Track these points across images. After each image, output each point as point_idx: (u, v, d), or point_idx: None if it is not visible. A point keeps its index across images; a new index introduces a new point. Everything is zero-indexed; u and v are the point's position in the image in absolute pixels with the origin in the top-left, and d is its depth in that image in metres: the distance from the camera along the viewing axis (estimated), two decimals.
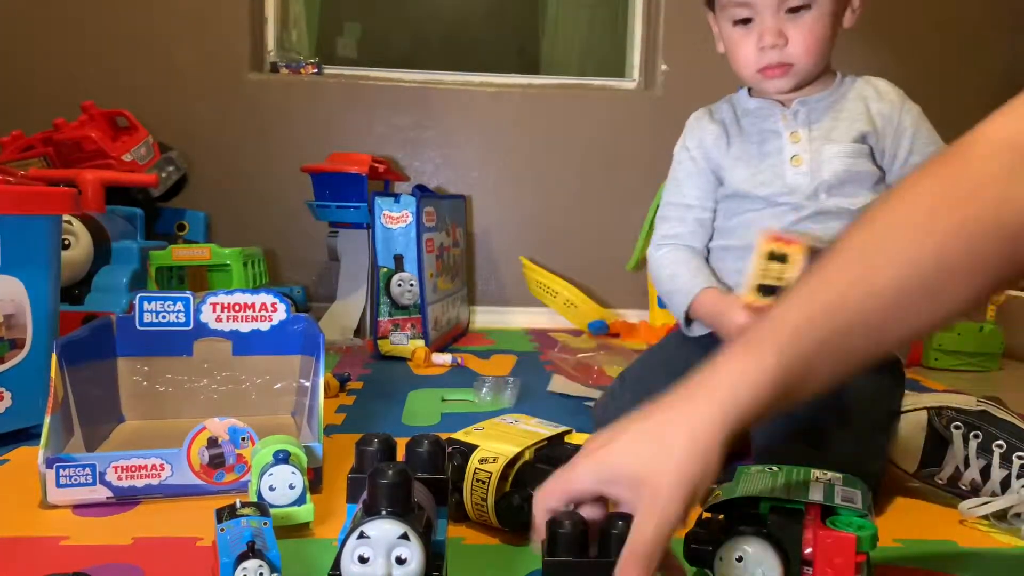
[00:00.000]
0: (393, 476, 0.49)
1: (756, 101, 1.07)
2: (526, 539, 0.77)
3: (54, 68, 2.12)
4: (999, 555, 0.78)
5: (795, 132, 1.02)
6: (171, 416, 1.09)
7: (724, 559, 0.61)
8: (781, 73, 0.99)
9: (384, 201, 1.74)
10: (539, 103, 2.26)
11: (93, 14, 2.12)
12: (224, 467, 0.85)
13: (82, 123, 1.82)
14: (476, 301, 2.28)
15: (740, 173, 1.05)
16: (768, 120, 1.05)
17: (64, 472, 0.81)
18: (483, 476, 0.76)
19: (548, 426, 0.87)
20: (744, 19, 0.98)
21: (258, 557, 0.59)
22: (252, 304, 1.09)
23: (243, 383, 1.12)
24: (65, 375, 0.91)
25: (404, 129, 2.24)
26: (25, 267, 1.05)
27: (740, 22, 0.98)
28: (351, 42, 2.53)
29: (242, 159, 2.19)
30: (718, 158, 1.08)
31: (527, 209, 2.27)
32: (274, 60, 2.28)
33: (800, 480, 0.69)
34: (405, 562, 0.48)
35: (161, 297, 1.08)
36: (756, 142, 1.05)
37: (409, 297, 1.73)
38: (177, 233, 2.05)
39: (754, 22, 0.97)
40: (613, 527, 0.59)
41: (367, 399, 1.35)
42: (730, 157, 1.07)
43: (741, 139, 1.07)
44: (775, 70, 0.99)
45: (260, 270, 1.83)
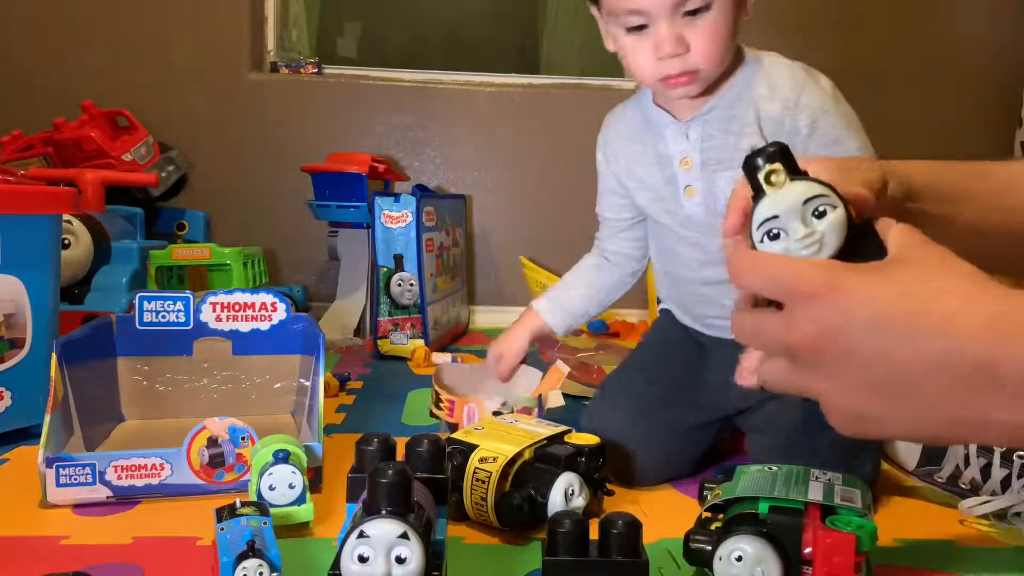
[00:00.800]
0: (393, 475, 0.49)
1: (655, 111, 0.95)
2: (526, 538, 0.77)
3: (54, 68, 2.12)
4: (999, 555, 0.78)
5: (686, 157, 0.92)
6: (171, 416, 1.09)
7: (723, 558, 0.61)
8: (686, 81, 0.86)
9: (384, 201, 1.74)
10: (539, 103, 2.26)
11: (93, 14, 2.12)
12: (224, 466, 0.85)
13: (82, 123, 1.82)
14: (476, 301, 2.28)
15: (643, 196, 0.99)
16: (660, 142, 0.95)
17: (64, 471, 0.81)
18: (483, 475, 0.76)
19: (548, 426, 0.87)
20: (638, 26, 0.85)
21: (258, 556, 0.59)
22: (252, 304, 1.09)
23: (243, 383, 1.12)
24: (65, 375, 0.91)
25: (404, 129, 2.24)
26: (25, 267, 1.05)
27: (633, 28, 0.85)
28: (351, 42, 2.53)
29: (242, 159, 2.19)
30: (623, 175, 1.01)
31: (527, 209, 2.27)
32: (274, 60, 2.28)
33: (799, 479, 0.69)
34: (405, 561, 0.48)
35: (161, 297, 1.08)
36: (651, 162, 0.97)
37: (409, 297, 1.73)
38: (177, 233, 2.05)
39: (649, 29, 0.84)
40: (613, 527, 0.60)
41: (367, 399, 1.35)
42: (634, 177, 0.99)
43: (643, 156, 0.97)
44: (678, 79, 0.86)
45: (260, 270, 1.83)
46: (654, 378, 1.01)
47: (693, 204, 0.93)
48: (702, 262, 0.95)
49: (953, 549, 0.78)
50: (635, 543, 0.60)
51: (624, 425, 0.95)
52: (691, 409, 0.98)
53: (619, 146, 1.01)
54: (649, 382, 1.01)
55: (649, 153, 0.96)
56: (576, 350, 1.60)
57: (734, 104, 0.90)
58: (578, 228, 2.30)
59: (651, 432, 0.94)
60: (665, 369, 1.02)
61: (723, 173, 0.91)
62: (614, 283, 1.10)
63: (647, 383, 1.01)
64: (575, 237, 2.28)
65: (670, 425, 0.96)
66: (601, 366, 1.48)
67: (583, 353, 1.56)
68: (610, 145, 1.02)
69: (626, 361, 1.10)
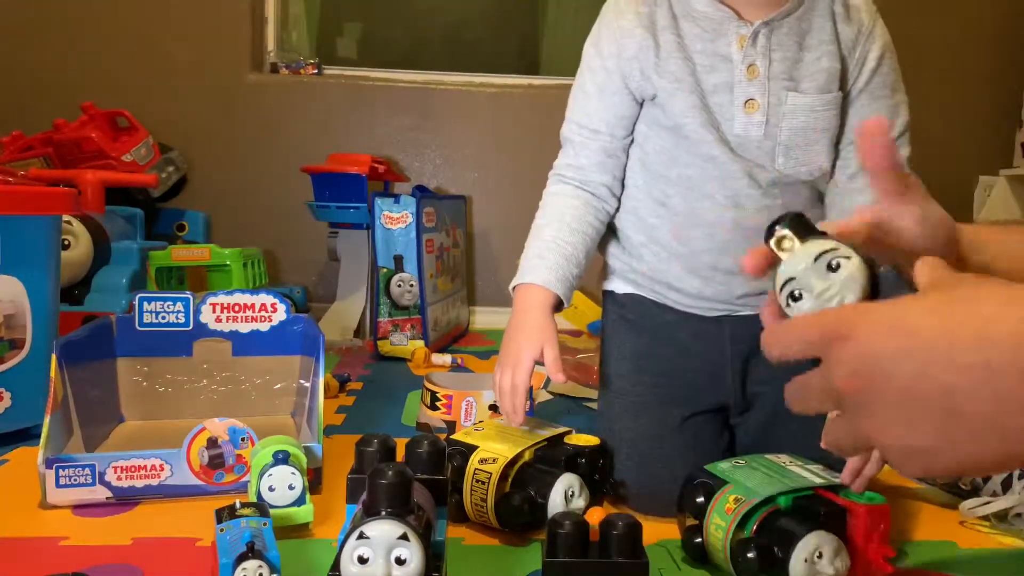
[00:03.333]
0: (393, 476, 0.49)
1: (705, 2, 0.81)
2: (526, 539, 0.77)
3: (54, 68, 2.12)
4: (1000, 555, 0.78)
5: (753, 64, 0.79)
6: (171, 416, 1.09)
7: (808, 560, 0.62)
8: None
9: (384, 202, 1.74)
10: (539, 103, 2.26)
11: (93, 14, 2.12)
12: (224, 467, 0.85)
13: (82, 123, 1.82)
14: (476, 301, 2.28)
15: (678, 103, 0.81)
16: (720, 39, 0.80)
17: (64, 472, 0.81)
18: (483, 476, 0.76)
19: (548, 426, 0.87)
20: None
21: (258, 557, 0.59)
22: (252, 304, 1.09)
23: (243, 383, 1.12)
24: (65, 375, 0.91)
25: (404, 129, 2.24)
26: (25, 267, 1.05)
27: None
28: (351, 42, 2.53)
29: (242, 159, 2.19)
30: (642, 76, 0.83)
31: (527, 209, 2.25)
32: (274, 60, 2.28)
33: (782, 469, 0.70)
34: (405, 563, 0.48)
35: (161, 297, 1.08)
36: (702, 64, 0.81)
37: (409, 298, 1.73)
38: (177, 233, 2.05)
39: None
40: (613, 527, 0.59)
41: (367, 400, 1.35)
42: (664, 76, 0.81)
43: (680, 54, 0.81)
44: None
45: (260, 270, 1.83)
46: (676, 397, 0.88)
47: (751, 122, 0.80)
48: (733, 199, 0.82)
49: (954, 550, 0.78)
50: (635, 544, 0.59)
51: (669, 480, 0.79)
52: (710, 416, 0.89)
53: (636, 38, 0.82)
54: (674, 404, 0.87)
55: (694, 47, 0.81)
56: (575, 350, 1.60)
57: (810, 14, 0.80)
58: None
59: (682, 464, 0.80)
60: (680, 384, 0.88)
61: (792, 93, 0.80)
62: (600, 228, 0.89)
63: (672, 406, 0.87)
64: None
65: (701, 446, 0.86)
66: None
67: (582, 354, 1.56)
68: (623, 36, 0.83)
69: (613, 356, 0.93)
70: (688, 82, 0.81)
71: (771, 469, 0.71)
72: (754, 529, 0.66)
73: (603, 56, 0.85)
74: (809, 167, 0.83)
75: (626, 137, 0.87)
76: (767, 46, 0.79)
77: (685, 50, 0.81)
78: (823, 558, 0.62)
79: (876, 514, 0.63)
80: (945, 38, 2.30)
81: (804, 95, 0.81)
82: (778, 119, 0.80)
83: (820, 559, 0.62)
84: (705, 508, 0.69)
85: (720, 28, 0.80)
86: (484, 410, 1.06)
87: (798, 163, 0.82)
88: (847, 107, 0.84)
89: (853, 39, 0.82)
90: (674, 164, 0.84)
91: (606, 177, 0.88)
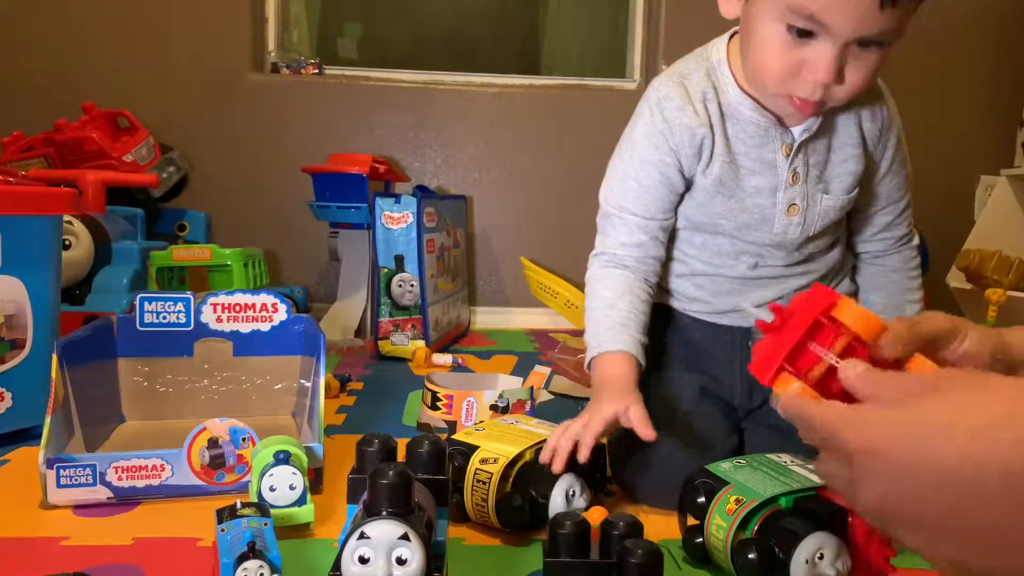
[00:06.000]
0: (394, 476, 0.49)
1: (750, 106, 0.83)
2: (527, 539, 0.77)
3: (55, 68, 2.12)
4: None
5: (797, 171, 0.84)
6: (171, 416, 1.09)
7: (809, 561, 0.62)
8: (813, 109, 0.77)
9: (385, 202, 1.74)
10: (539, 103, 2.26)
11: (93, 14, 2.12)
12: (224, 467, 0.85)
13: (83, 124, 1.82)
14: (476, 301, 2.28)
15: (718, 207, 0.86)
16: (766, 146, 0.84)
17: (65, 472, 0.81)
18: (484, 477, 0.76)
19: (548, 426, 0.87)
20: (804, 31, 0.71)
21: (258, 558, 0.59)
22: (253, 305, 1.09)
23: (243, 384, 1.12)
24: (66, 375, 0.91)
25: (405, 129, 2.24)
26: (26, 267, 1.05)
27: (797, 31, 0.71)
28: (352, 42, 2.53)
29: (243, 159, 2.19)
30: (691, 172, 0.86)
31: (527, 209, 2.27)
32: (275, 60, 2.28)
33: (783, 469, 0.70)
34: (406, 563, 0.48)
35: (162, 298, 1.08)
36: (746, 167, 0.85)
37: (410, 298, 1.73)
38: (178, 233, 2.05)
39: (814, 42, 0.71)
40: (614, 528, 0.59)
41: (368, 400, 1.35)
42: (709, 180, 0.85)
43: (725, 155, 0.84)
44: (807, 104, 0.76)
45: (260, 271, 1.83)
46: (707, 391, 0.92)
47: (791, 223, 0.86)
48: (758, 265, 0.90)
49: None
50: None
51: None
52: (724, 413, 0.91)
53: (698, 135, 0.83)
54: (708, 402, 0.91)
55: (739, 149, 0.84)
56: (576, 350, 1.60)
57: (840, 118, 0.85)
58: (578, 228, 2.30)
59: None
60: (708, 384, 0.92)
61: (823, 195, 0.86)
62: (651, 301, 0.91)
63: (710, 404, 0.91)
64: (575, 237, 2.28)
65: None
66: None
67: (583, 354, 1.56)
68: (685, 133, 0.84)
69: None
70: (729, 186, 0.85)
71: (773, 469, 0.71)
72: (755, 530, 0.66)
73: (661, 150, 0.86)
74: (828, 241, 0.92)
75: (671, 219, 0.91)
76: (806, 153, 0.85)
77: (731, 152, 0.85)
78: (824, 559, 0.62)
79: None
80: (946, 38, 2.29)
81: (833, 197, 0.87)
82: (813, 219, 0.87)
83: (821, 560, 0.62)
84: (706, 508, 0.69)
85: (766, 135, 0.84)
86: (485, 410, 1.06)
87: (818, 245, 0.91)
88: (873, 187, 0.91)
89: (878, 135, 0.87)
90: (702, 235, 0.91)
91: (659, 253, 0.91)
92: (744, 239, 0.88)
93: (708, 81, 0.85)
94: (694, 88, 0.85)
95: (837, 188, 0.87)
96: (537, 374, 1.16)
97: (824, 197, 0.86)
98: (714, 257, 0.91)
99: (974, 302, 2.09)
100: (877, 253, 0.97)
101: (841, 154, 0.86)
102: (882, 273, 0.97)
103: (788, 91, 0.76)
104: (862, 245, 0.97)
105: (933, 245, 2.14)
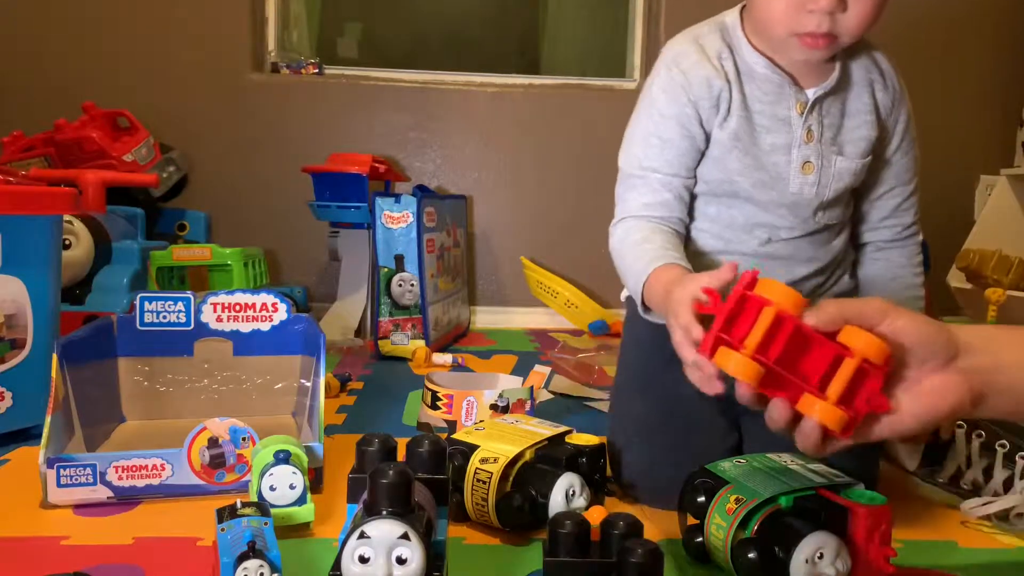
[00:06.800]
0: (394, 476, 0.49)
1: (764, 64, 0.84)
2: (527, 539, 0.77)
3: (55, 69, 2.12)
4: (1001, 555, 0.77)
5: (810, 129, 0.85)
6: (171, 416, 1.09)
7: (809, 560, 0.61)
8: (825, 44, 0.77)
9: (385, 201, 1.74)
10: (539, 103, 2.26)
11: (93, 15, 2.12)
12: (225, 467, 0.85)
13: (83, 123, 1.82)
14: (476, 301, 2.28)
15: (734, 163, 0.85)
16: (780, 103, 0.84)
17: (65, 472, 0.81)
18: (484, 476, 0.76)
19: (548, 426, 0.87)
20: None
21: (259, 557, 0.59)
22: (253, 304, 1.09)
23: (244, 383, 1.12)
24: (66, 375, 0.91)
25: (405, 129, 2.24)
26: (26, 267, 1.05)
27: None
28: (352, 42, 2.53)
29: (243, 159, 2.19)
30: (709, 127, 0.86)
31: (527, 209, 2.27)
32: (275, 60, 2.28)
33: (783, 468, 0.70)
34: (406, 562, 0.48)
35: (162, 297, 1.08)
36: (761, 125, 0.85)
37: (410, 297, 1.73)
38: (178, 233, 2.05)
39: None
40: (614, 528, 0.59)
41: (368, 399, 1.35)
42: (725, 134, 0.85)
43: (742, 113, 0.85)
44: (818, 39, 0.77)
45: (261, 270, 1.83)
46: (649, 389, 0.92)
47: (806, 182, 0.85)
48: (769, 239, 0.88)
49: (955, 550, 0.78)
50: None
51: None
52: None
53: (715, 88, 0.84)
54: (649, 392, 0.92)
55: (755, 108, 0.85)
56: (576, 350, 1.60)
57: (849, 84, 0.86)
58: (578, 228, 2.32)
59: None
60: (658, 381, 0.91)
61: (838, 157, 0.86)
62: None
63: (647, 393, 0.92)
64: (575, 237, 2.29)
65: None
66: (601, 366, 1.48)
67: (583, 354, 1.56)
68: (703, 86, 0.84)
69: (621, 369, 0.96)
70: (745, 142, 0.85)
71: (773, 469, 0.71)
72: (755, 529, 0.66)
73: (680, 103, 0.85)
74: (838, 216, 0.91)
75: (693, 180, 0.89)
76: (820, 113, 0.85)
77: (747, 109, 0.85)
78: (824, 559, 0.62)
79: (877, 514, 0.63)
80: (946, 37, 2.29)
81: (848, 160, 0.87)
82: (827, 181, 0.86)
83: (821, 560, 0.62)
84: (706, 508, 0.69)
85: (781, 92, 0.85)
86: (485, 410, 1.06)
87: (831, 217, 0.90)
88: (883, 162, 0.91)
89: (890, 106, 0.88)
90: (710, 204, 0.89)
91: (684, 216, 0.89)
92: (760, 200, 0.86)
93: (723, 43, 0.86)
94: (709, 47, 0.85)
95: (851, 151, 0.87)
96: (537, 374, 1.16)
97: (838, 159, 0.86)
98: (726, 231, 0.89)
99: (974, 302, 2.09)
100: (882, 244, 0.95)
101: (855, 120, 0.87)
102: (887, 268, 0.95)
103: (796, 29, 0.77)
104: (868, 234, 0.95)
105: (933, 245, 2.14)
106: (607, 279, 2.27)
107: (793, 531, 0.62)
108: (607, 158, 0.93)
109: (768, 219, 0.87)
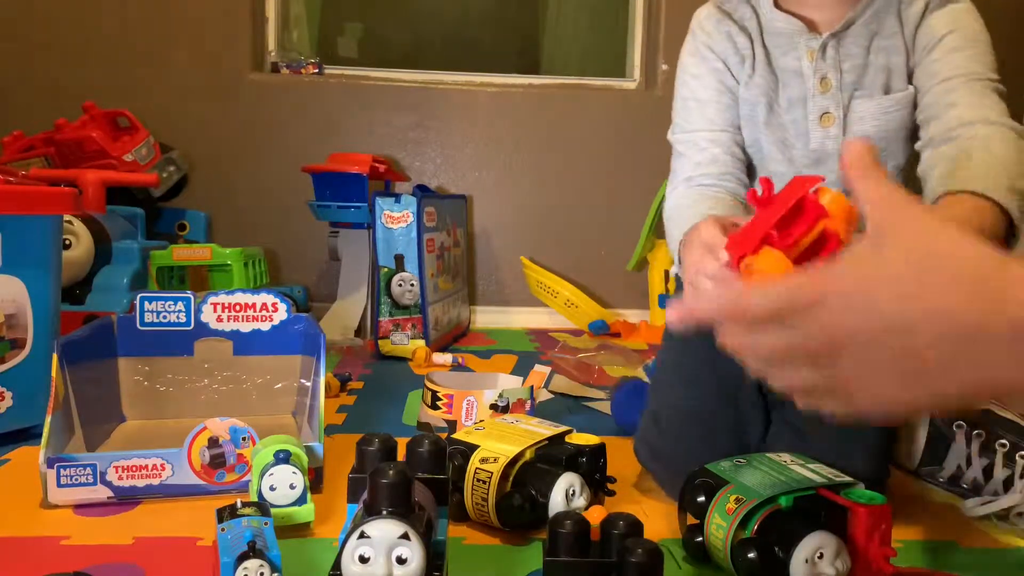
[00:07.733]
0: (394, 476, 0.49)
1: (783, 18, 0.82)
2: (527, 539, 0.77)
3: (55, 68, 2.12)
4: (1001, 555, 0.77)
5: (825, 77, 0.80)
6: (172, 416, 1.09)
7: (809, 560, 0.62)
8: None
9: (385, 201, 1.74)
10: (540, 103, 2.26)
11: (94, 15, 2.12)
12: (225, 467, 0.85)
13: (83, 123, 1.82)
14: (476, 301, 2.28)
15: (760, 115, 0.83)
16: (790, 53, 0.81)
17: (65, 472, 0.81)
18: (484, 476, 0.76)
19: (548, 426, 0.87)
20: None
21: (259, 557, 0.59)
22: (253, 304, 1.09)
23: (244, 383, 1.12)
24: (66, 375, 0.91)
25: (405, 129, 2.24)
26: (26, 267, 1.05)
27: None
28: (352, 42, 2.53)
29: (243, 159, 2.19)
30: (740, 79, 0.84)
31: (527, 209, 2.27)
32: (275, 60, 2.28)
33: (783, 467, 0.71)
34: (406, 562, 0.48)
35: (162, 297, 1.08)
36: (782, 81, 0.82)
37: (410, 297, 1.73)
38: (178, 233, 2.05)
39: None
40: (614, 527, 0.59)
41: (368, 399, 1.35)
42: (751, 89, 0.83)
43: (765, 65, 0.82)
44: None
45: (261, 270, 1.83)
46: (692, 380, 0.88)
47: (827, 136, 0.80)
48: None
49: (955, 550, 0.78)
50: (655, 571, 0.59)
51: None
52: None
53: (739, 44, 0.82)
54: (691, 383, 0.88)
55: (779, 62, 0.82)
56: (576, 350, 1.60)
57: (877, 16, 0.80)
58: (578, 228, 2.32)
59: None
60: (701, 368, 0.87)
61: (862, 100, 0.79)
62: None
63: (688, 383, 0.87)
64: (575, 237, 2.30)
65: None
66: (601, 366, 1.47)
67: (583, 353, 1.56)
68: (727, 42, 0.83)
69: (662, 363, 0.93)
70: (769, 97, 0.83)
71: (772, 468, 0.71)
72: (755, 529, 0.66)
73: (708, 60, 0.84)
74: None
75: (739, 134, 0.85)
76: (836, 57, 0.80)
77: (771, 65, 0.83)
78: (824, 558, 0.62)
79: (877, 514, 0.63)
80: None
81: (872, 101, 0.81)
82: (851, 129, 0.81)
83: (821, 559, 0.62)
84: (706, 507, 0.69)
85: (792, 43, 0.81)
86: (485, 409, 1.06)
87: None
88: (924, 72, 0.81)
89: (920, 14, 0.80)
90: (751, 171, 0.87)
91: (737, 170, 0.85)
92: (784, 157, 0.82)
93: (747, 5, 0.85)
94: (733, 10, 0.85)
95: (874, 86, 0.80)
96: (537, 373, 1.16)
97: (859, 102, 0.80)
98: None
99: None
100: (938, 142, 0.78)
101: (881, 52, 0.81)
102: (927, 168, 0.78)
103: None
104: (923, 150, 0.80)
105: None
106: (607, 279, 2.28)
107: (793, 531, 0.62)
108: (607, 157, 0.94)
109: (795, 171, 0.83)
